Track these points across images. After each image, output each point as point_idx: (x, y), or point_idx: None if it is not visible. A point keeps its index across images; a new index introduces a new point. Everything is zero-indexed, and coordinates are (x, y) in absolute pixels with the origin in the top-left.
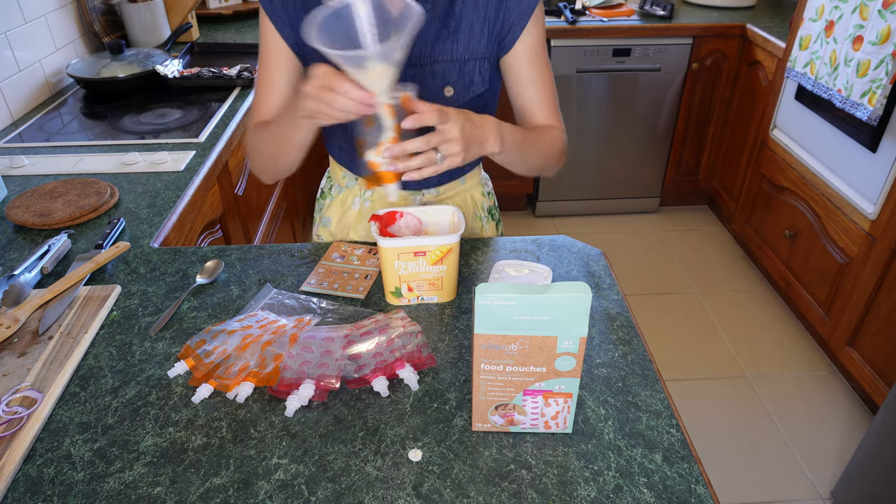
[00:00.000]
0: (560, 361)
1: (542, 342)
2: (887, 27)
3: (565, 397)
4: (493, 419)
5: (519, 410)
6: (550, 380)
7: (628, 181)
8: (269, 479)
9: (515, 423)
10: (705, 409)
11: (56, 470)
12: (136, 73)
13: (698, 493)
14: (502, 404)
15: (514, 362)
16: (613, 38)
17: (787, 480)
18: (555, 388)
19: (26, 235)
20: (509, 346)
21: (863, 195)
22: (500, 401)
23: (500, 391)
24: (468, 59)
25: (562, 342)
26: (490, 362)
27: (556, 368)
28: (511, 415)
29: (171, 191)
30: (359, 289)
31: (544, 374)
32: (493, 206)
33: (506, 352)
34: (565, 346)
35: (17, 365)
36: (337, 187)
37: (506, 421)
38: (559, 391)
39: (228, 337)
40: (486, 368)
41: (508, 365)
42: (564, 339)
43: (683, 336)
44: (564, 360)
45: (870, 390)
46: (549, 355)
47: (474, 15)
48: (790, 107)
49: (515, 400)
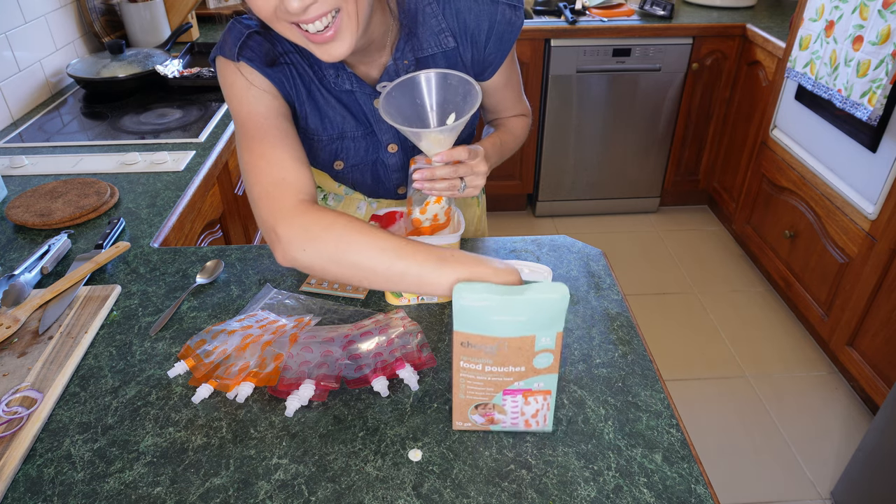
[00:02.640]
0: (538, 359)
1: (521, 342)
2: (887, 27)
3: (544, 395)
4: (474, 418)
5: (499, 410)
6: (529, 378)
7: (628, 181)
8: (269, 479)
9: (496, 421)
10: (705, 409)
11: (56, 470)
12: (136, 73)
13: (698, 493)
14: (482, 403)
15: (493, 362)
16: (613, 38)
17: (787, 480)
18: (534, 385)
19: (26, 235)
20: (487, 346)
21: (863, 195)
22: (479, 400)
23: (479, 390)
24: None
25: (540, 340)
26: (469, 360)
27: (534, 366)
28: (491, 414)
29: (171, 191)
30: (359, 289)
31: (523, 373)
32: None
33: (484, 351)
34: (543, 342)
35: (17, 365)
36: (333, 196)
37: (486, 420)
38: (538, 389)
39: (228, 337)
40: (466, 367)
41: (487, 365)
42: (543, 336)
43: (683, 336)
44: (542, 357)
45: (870, 390)
46: (527, 354)
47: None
48: (790, 107)
49: (495, 399)
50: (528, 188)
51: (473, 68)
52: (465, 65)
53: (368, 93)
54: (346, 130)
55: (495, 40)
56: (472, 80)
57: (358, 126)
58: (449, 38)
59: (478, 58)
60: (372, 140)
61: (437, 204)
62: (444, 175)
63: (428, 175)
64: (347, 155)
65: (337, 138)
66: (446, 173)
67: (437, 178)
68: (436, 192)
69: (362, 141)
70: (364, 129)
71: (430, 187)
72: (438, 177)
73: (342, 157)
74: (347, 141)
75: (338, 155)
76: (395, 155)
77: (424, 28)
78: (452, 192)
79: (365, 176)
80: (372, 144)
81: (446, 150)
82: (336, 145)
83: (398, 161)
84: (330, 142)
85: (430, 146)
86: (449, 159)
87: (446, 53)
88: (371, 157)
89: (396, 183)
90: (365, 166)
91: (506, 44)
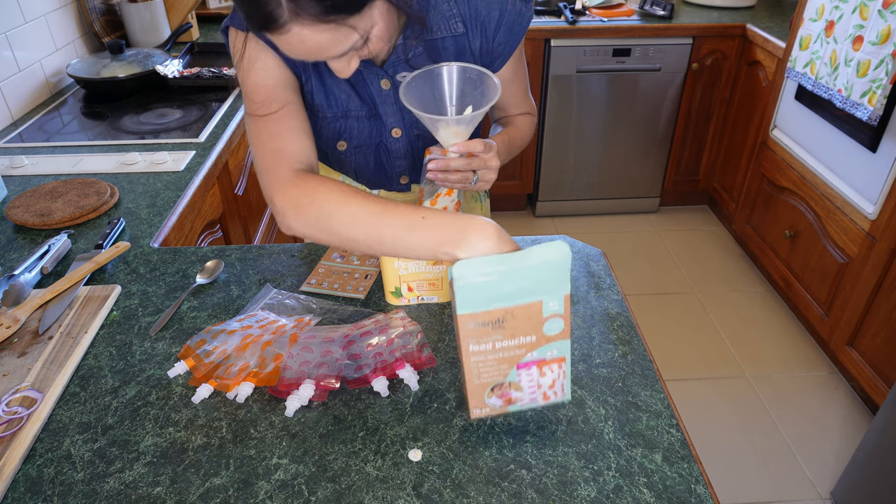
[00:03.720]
0: (548, 325)
1: (528, 309)
2: (887, 27)
3: (559, 362)
4: (491, 402)
5: (515, 387)
6: (542, 347)
7: (628, 181)
8: (269, 479)
9: (513, 401)
10: (705, 409)
11: (56, 470)
12: (136, 73)
13: (698, 493)
14: (498, 384)
15: (503, 336)
16: (613, 38)
17: (787, 480)
18: (547, 355)
19: (26, 235)
20: (495, 320)
21: (863, 195)
22: (494, 381)
23: (493, 370)
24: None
25: (547, 305)
26: (479, 342)
27: (545, 334)
28: (508, 393)
29: (171, 191)
30: (359, 289)
31: (535, 343)
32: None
33: (493, 327)
34: (551, 307)
35: (17, 365)
36: None
37: (504, 401)
38: (552, 357)
39: (228, 337)
40: (476, 349)
41: (497, 341)
42: (550, 300)
43: (683, 336)
44: (552, 323)
45: (870, 390)
46: (536, 322)
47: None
48: (790, 107)
49: (510, 377)
50: (528, 188)
51: (482, 59)
52: (473, 53)
53: (376, 72)
54: (350, 109)
55: (505, 30)
56: (490, 73)
57: (362, 106)
58: (459, 23)
59: (486, 47)
60: (376, 122)
61: (447, 196)
62: (458, 167)
63: (442, 166)
64: (351, 135)
65: (341, 116)
66: (460, 165)
67: (452, 170)
68: (448, 183)
69: (366, 122)
70: (368, 111)
71: (443, 178)
72: (452, 168)
73: (345, 136)
74: (351, 120)
75: (341, 134)
76: (398, 140)
77: (436, 11)
78: (465, 184)
79: (368, 159)
80: (375, 127)
81: (463, 142)
82: (340, 124)
83: (402, 147)
84: (334, 119)
85: (448, 136)
86: (465, 150)
87: (456, 38)
88: (374, 139)
89: (399, 171)
90: (368, 149)
91: (515, 35)
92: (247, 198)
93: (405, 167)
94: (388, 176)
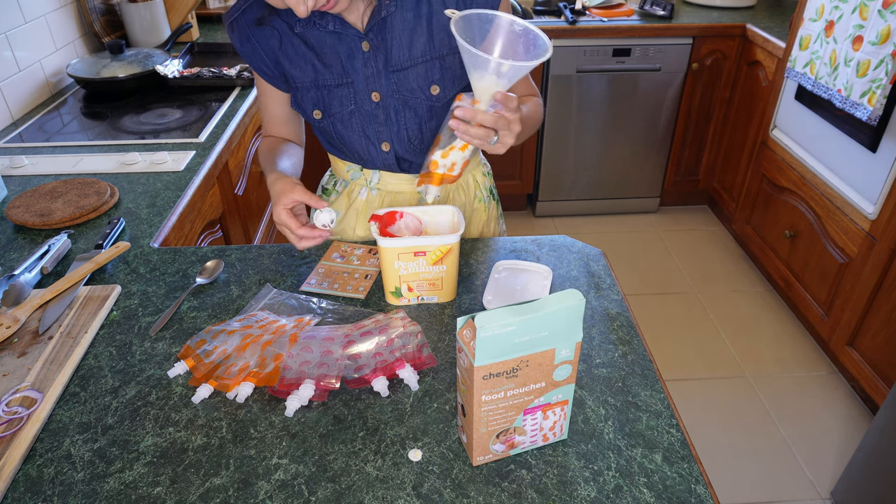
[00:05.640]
0: (558, 371)
1: (542, 357)
2: (887, 27)
3: (562, 405)
4: (494, 448)
5: (520, 432)
6: (549, 392)
7: (628, 181)
8: (269, 479)
9: (515, 444)
10: (705, 409)
11: (56, 470)
12: (136, 73)
13: (698, 493)
14: (503, 430)
15: (515, 385)
16: (613, 38)
17: (787, 480)
18: (553, 399)
19: (26, 235)
20: (510, 369)
21: (863, 195)
22: (501, 427)
23: (500, 418)
24: (446, 55)
25: (560, 352)
26: (491, 392)
27: (553, 380)
28: (512, 438)
29: (171, 191)
30: (359, 289)
31: (543, 389)
32: (493, 185)
33: (507, 376)
34: (563, 355)
35: (17, 365)
36: (342, 182)
37: (506, 446)
38: (557, 401)
39: (228, 337)
40: (488, 399)
41: (509, 389)
42: (562, 348)
43: (683, 336)
44: (562, 370)
45: (870, 390)
46: (548, 369)
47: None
48: (790, 107)
49: (516, 422)
50: (528, 188)
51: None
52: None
53: (353, 34)
54: (318, 78)
55: None
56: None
57: (328, 73)
58: None
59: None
60: (346, 90)
61: (461, 151)
62: (482, 121)
63: (469, 116)
64: (324, 104)
65: (311, 86)
66: (486, 120)
67: (476, 123)
68: (467, 137)
69: (336, 90)
70: (336, 79)
71: (464, 130)
72: (477, 122)
73: (320, 106)
74: (322, 90)
75: (316, 104)
76: (378, 105)
77: None
78: (483, 142)
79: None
80: (346, 95)
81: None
82: (313, 93)
83: (381, 113)
84: (307, 89)
85: (488, 84)
86: (503, 99)
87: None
88: (347, 107)
89: (381, 137)
90: (344, 117)
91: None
92: (247, 198)
93: (387, 134)
94: (371, 143)
